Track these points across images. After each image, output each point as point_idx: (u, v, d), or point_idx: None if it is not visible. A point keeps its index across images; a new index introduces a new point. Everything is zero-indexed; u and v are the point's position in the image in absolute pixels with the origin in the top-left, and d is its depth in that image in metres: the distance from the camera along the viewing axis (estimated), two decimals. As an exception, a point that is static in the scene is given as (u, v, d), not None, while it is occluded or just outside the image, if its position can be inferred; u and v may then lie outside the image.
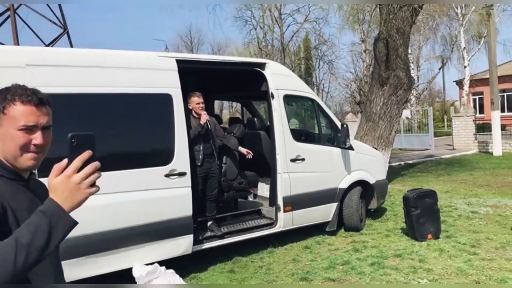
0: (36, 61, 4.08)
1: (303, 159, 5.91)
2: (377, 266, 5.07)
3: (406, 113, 22.01)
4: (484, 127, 20.07)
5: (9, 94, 1.37)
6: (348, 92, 31.64)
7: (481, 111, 29.48)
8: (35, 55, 4.18)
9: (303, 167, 5.91)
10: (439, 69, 32.75)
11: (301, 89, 6.28)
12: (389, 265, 5.11)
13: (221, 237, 5.34)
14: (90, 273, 4.26)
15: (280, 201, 5.70)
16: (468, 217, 7.11)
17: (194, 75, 6.34)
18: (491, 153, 16.33)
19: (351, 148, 6.55)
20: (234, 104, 21.83)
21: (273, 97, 5.72)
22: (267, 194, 6.22)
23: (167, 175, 4.67)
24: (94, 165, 1.24)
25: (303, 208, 5.89)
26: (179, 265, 4.89)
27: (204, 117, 5.20)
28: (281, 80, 5.91)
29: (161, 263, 4.62)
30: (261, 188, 6.60)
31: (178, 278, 4.61)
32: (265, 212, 6.05)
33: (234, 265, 5.31)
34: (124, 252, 4.43)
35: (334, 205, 6.31)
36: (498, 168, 12.71)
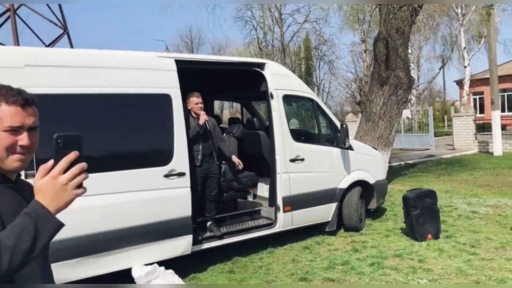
0: (35, 62, 4.08)
1: (303, 159, 5.90)
2: (377, 266, 5.07)
3: (407, 113, 22.00)
4: (485, 127, 20.05)
5: None
6: (349, 92, 31.61)
7: (482, 111, 29.47)
8: (34, 56, 4.18)
9: (303, 167, 5.91)
10: (440, 69, 32.77)
11: (301, 89, 6.27)
12: (389, 265, 5.10)
13: (221, 237, 5.34)
14: (90, 274, 4.26)
15: (280, 201, 5.70)
16: (468, 217, 7.10)
17: (194, 75, 6.34)
18: (492, 153, 16.32)
19: (351, 148, 6.54)
20: (235, 105, 21.81)
21: (273, 97, 5.71)
22: (267, 194, 6.22)
23: (166, 176, 4.66)
24: (81, 166, 1.21)
25: (303, 208, 5.89)
26: (179, 266, 4.89)
27: (203, 117, 5.20)
28: (281, 80, 5.90)
29: (161, 264, 4.62)
30: (261, 188, 6.59)
31: (178, 279, 4.61)
32: (265, 213, 6.05)
33: (234, 265, 5.30)
34: (124, 253, 4.43)
35: (334, 205, 6.31)
36: (498, 168, 12.70)
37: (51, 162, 1.21)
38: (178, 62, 4.96)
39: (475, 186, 10.02)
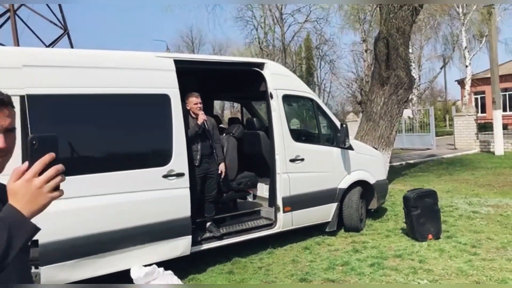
0: (33, 62, 4.06)
1: (303, 159, 5.88)
2: (377, 267, 5.04)
3: (408, 113, 21.98)
4: (486, 127, 20.02)
5: None
6: (350, 92, 31.56)
7: (483, 111, 29.45)
8: (32, 56, 4.16)
9: (303, 167, 5.88)
10: (441, 69, 32.75)
11: (300, 89, 6.25)
12: (389, 266, 5.08)
13: (220, 238, 5.32)
14: (88, 275, 4.24)
15: (280, 202, 5.67)
16: (469, 217, 7.07)
17: (193, 76, 6.32)
18: (493, 153, 16.26)
19: (351, 148, 6.52)
20: (236, 105, 21.79)
21: (272, 97, 5.69)
22: (267, 195, 6.19)
23: (165, 176, 4.64)
24: (57, 168, 1.15)
25: (303, 209, 5.86)
26: (178, 267, 4.87)
27: (202, 117, 5.18)
28: (280, 80, 5.88)
29: (160, 264, 4.60)
30: (261, 189, 6.57)
31: (177, 280, 4.60)
32: (264, 213, 6.02)
33: (233, 266, 5.28)
34: (122, 254, 4.41)
35: (334, 205, 6.28)
36: (500, 168, 12.66)
37: (26, 165, 1.15)
38: (177, 62, 4.94)
39: (476, 186, 9.98)
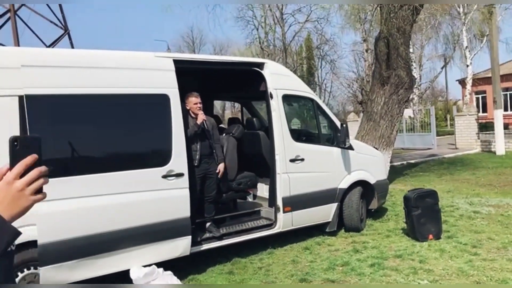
0: (32, 62, 4.06)
1: (303, 159, 5.86)
2: (377, 267, 5.03)
3: (409, 112, 21.95)
4: (487, 126, 19.98)
5: None
6: (350, 92, 31.54)
7: (484, 110, 29.40)
8: (31, 56, 4.15)
9: (303, 167, 5.87)
10: (442, 68, 32.70)
11: (300, 89, 6.23)
12: (389, 266, 5.06)
13: (220, 238, 5.31)
14: (87, 275, 4.24)
15: (280, 202, 5.66)
16: (470, 217, 7.05)
17: (193, 76, 6.31)
18: (494, 152, 16.23)
19: (351, 148, 6.50)
20: (237, 105, 21.79)
21: (272, 97, 5.67)
22: (267, 195, 6.18)
23: (165, 176, 4.63)
24: (39, 170, 1.11)
25: (303, 209, 5.85)
26: (177, 267, 4.87)
27: (201, 117, 5.17)
28: (280, 80, 5.86)
29: (159, 265, 4.59)
30: (261, 189, 6.55)
31: (176, 280, 4.59)
32: (264, 213, 6.01)
33: (233, 267, 5.27)
34: (122, 254, 4.40)
35: (334, 206, 6.27)
36: (501, 167, 12.63)
37: (6, 166, 1.11)
38: (177, 62, 4.93)
39: (477, 186, 9.95)
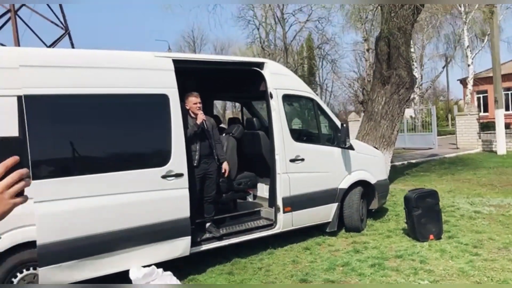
0: (30, 62, 4.05)
1: (303, 159, 5.84)
2: (378, 268, 5.01)
3: (410, 112, 21.91)
4: (488, 126, 19.92)
5: None
6: (351, 92, 31.49)
7: (485, 110, 29.31)
8: (29, 56, 4.14)
9: (303, 167, 5.85)
10: (443, 68, 32.66)
11: (301, 89, 6.21)
12: (390, 266, 5.04)
13: (220, 239, 5.29)
14: (87, 276, 4.23)
15: (280, 202, 5.64)
16: (471, 217, 7.02)
17: (193, 75, 6.29)
18: (495, 152, 16.19)
19: (351, 148, 6.48)
20: (238, 105, 21.79)
21: (272, 97, 5.65)
22: (267, 195, 6.16)
23: (164, 177, 4.62)
24: (20, 172, 1.09)
25: (303, 209, 5.83)
26: (177, 267, 4.85)
27: (201, 117, 5.15)
28: (280, 80, 5.84)
29: (159, 265, 4.57)
30: (261, 189, 6.53)
31: (176, 280, 4.57)
32: (264, 213, 6.00)
33: (233, 267, 5.26)
34: (121, 254, 4.39)
35: (335, 206, 6.25)
36: (502, 167, 12.59)
37: None
38: (176, 62, 4.91)
39: (479, 186, 9.92)
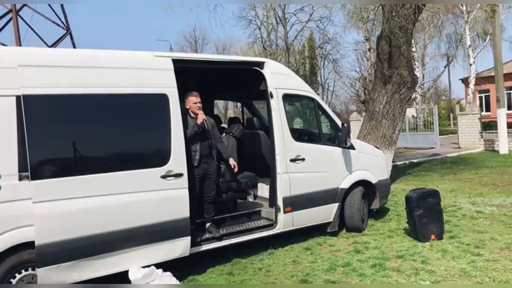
0: (29, 62, 4.03)
1: (303, 159, 5.81)
2: (379, 268, 4.98)
3: (412, 112, 21.85)
4: (490, 125, 19.88)
5: None
6: (353, 91, 31.40)
7: (487, 109, 29.25)
8: (28, 56, 4.12)
9: (303, 167, 5.82)
10: (445, 67, 32.52)
11: (301, 88, 6.18)
12: (391, 267, 5.01)
13: (220, 239, 5.27)
14: (86, 276, 4.22)
15: (280, 202, 5.62)
16: (473, 217, 6.99)
17: (192, 75, 6.27)
18: (497, 152, 16.16)
19: (352, 148, 6.45)
20: (239, 104, 21.77)
21: (272, 97, 5.63)
22: (267, 195, 6.13)
23: (163, 177, 4.60)
24: None
25: (304, 209, 5.81)
26: (177, 268, 4.83)
27: (201, 117, 5.13)
28: (280, 79, 5.82)
29: (158, 266, 4.55)
30: (261, 189, 6.51)
31: (175, 281, 4.55)
32: (265, 213, 5.97)
33: (233, 267, 5.23)
34: (120, 255, 4.37)
35: (335, 206, 6.22)
36: (504, 166, 12.55)
37: None
38: (176, 62, 4.90)
39: (480, 185, 9.88)
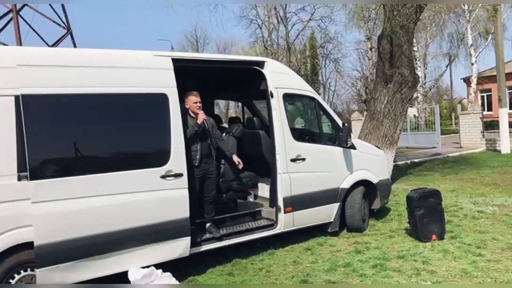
0: (28, 62, 4.02)
1: (304, 159, 5.79)
2: (380, 268, 4.95)
3: (413, 111, 21.80)
4: (492, 125, 19.82)
5: None
6: (354, 91, 31.37)
7: (489, 109, 29.20)
8: (27, 55, 4.11)
9: (304, 167, 5.80)
10: (446, 67, 32.51)
11: (301, 88, 6.16)
12: (392, 267, 4.98)
13: (220, 239, 5.25)
14: (85, 277, 4.20)
15: (281, 202, 5.60)
16: (474, 217, 6.95)
17: (192, 75, 6.25)
18: (499, 151, 16.10)
19: (353, 147, 6.42)
20: (240, 104, 21.75)
21: (272, 96, 5.61)
22: (267, 195, 6.11)
23: (163, 177, 4.58)
24: None
25: (304, 209, 5.78)
26: (177, 268, 4.81)
27: (201, 116, 5.11)
28: (281, 79, 5.80)
29: (158, 266, 4.54)
30: (261, 189, 6.49)
31: (175, 281, 4.53)
32: (265, 213, 5.95)
33: (233, 268, 5.21)
34: (120, 255, 4.36)
35: (336, 206, 6.19)
36: (506, 166, 12.51)
37: None
38: (175, 61, 4.88)
39: (482, 185, 9.84)
